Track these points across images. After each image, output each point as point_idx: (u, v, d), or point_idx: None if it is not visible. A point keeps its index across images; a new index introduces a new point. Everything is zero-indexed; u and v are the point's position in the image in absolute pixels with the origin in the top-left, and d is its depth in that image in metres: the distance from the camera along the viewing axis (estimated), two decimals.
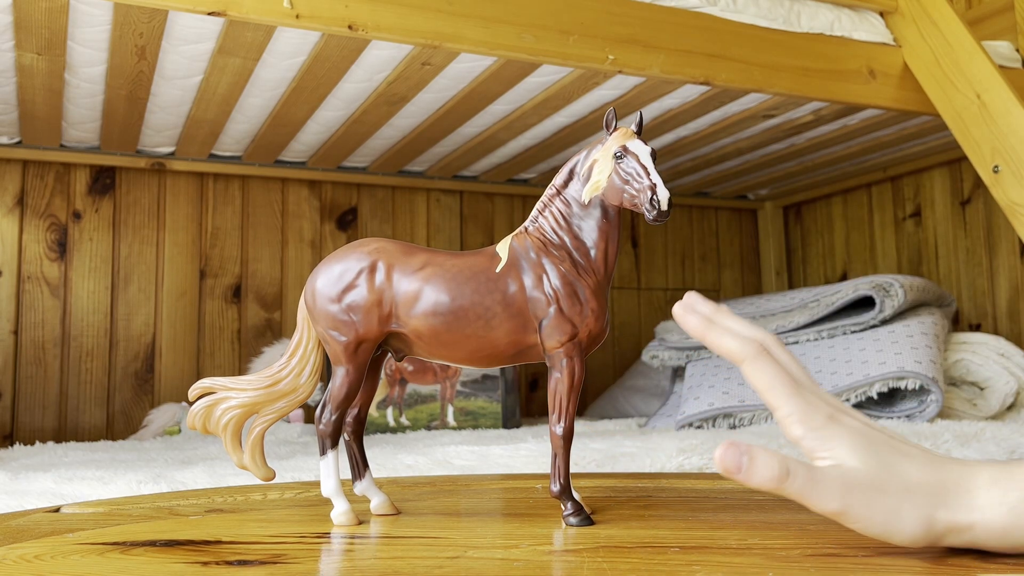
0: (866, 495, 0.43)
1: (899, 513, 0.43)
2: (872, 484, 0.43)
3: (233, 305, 2.27)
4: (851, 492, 0.43)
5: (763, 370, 0.46)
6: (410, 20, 1.33)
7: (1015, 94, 1.54)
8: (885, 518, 0.43)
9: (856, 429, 0.45)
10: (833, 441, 0.45)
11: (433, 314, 0.58)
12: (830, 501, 0.43)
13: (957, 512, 0.43)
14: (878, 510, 0.43)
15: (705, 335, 0.48)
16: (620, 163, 0.58)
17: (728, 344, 0.47)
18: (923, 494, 0.43)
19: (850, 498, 0.43)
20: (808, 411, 0.45)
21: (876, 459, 0.44)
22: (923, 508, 0.43)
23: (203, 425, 0.61)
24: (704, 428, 1.67)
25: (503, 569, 0.45)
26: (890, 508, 0.43)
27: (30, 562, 0.48)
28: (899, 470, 0.44)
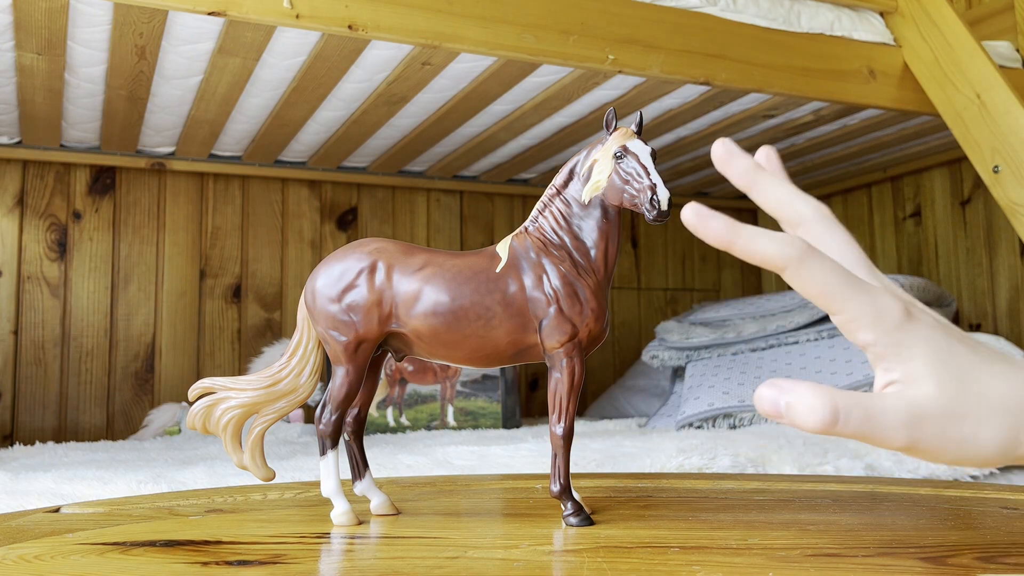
0: (938, 424, 0.37)
1: (976, 438, 0.38)
2: (946, 411, 0.38)
3: (233, 305, 2.27)
4: (920, 424, 0.37)
5: (812, 274, 0.38)
6: (410, 20, 1.33)
7: (1015, 94, 1.54)
8: (959, 447, 0.38)
9: (934, 332, 0.39)
10: (910, 349, 0.38)
11: (433, 314, 0.58)
12: (895, 438, 0.37)
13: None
14: (951, 438, 0.38)
15: (734, 241, 0.39)
16: (620, 163, 0.58)
17: (766, 247, 0.39)
18: (1008, 413, 0.38)
19: (918, 431, 0.37)
20: (878, 311, 0.38)
21: (954, 375, 0.38)
22: (1006, 430, 0.38)
23: (203, 425, 0.61)
24: (704, 428, 1.67)
25: (503, 569, 0.45)
26: (966, 435, 0.37)
27: (30, 562, 0.48)
28: (981, 388, 0.38)
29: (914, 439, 0.38)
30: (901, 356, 0.38)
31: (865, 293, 0.39)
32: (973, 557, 0.44)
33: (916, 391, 0.38)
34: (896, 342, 0.38)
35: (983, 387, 0.38)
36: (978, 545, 0.47)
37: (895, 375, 0.38)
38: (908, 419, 0.37)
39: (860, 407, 0.37)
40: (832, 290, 0.38)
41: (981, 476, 1.26)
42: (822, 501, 0.65)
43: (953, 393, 0.38)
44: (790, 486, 0.75)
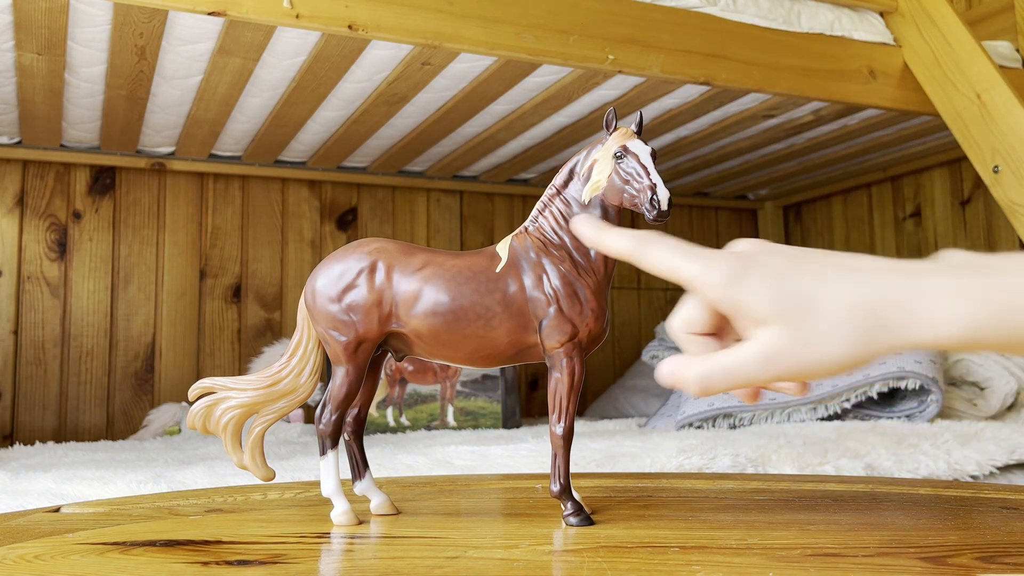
0: (791, 355, 0.40)
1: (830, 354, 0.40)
2: (794, 341, 0.40)
3: (233, 305, 2.27)
4: (775, 362, 0.40)
5: (656, 251, 0.44)
6: (410, 20, 1.33)
7: (1015, 94, 1.54)
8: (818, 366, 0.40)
9: (771, 271, 0.41)
10: (748, 295, 0.41)
11: (433, 314, 0.58)
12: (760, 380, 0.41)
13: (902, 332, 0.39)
14: (807, 362, 0.40)
15: (598, 241, 0.47)
16: (620, 163, 0.58)
17: (617, 242, 0.45)
18: (855, 322, 0.39)
19: (776, 367, 0.40)
20: (711, 271, 0.42)
21: (796, 304, 0.40)
22: (857, 337, 0.39)
23: (203, 425, 0.61)
24: (704, 428, 1.67)
25: (503, 569, 0.45)
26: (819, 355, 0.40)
27: (30, 562, 0.48)
28: (826, 307, 0.40)
29: (776, 374, 0.41)
30: (744, 305, 0.41)
31: (700, 259, 0.43)
32: (973, 557, 0.44)
33: (765, 333, 0.41)
34: (735, 294, 0.41)
35: (828, 304, 0.40)
36: (978, 545, 0.47)
37: (746, 324, 0.42)
38: (763, 362, 0.41)
39: (720, 369, 0.41)
40: (671, 263, 0.43)
41: (981, 476, 1.27)
42: (822, 501, 0.65)
43: (797, 322, 0.40)
44: (790, 486, 0.75)
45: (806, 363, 0.40)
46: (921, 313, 0.39)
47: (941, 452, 1.28)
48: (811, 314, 0.40)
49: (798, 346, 0.40)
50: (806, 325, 0.40)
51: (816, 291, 0.40)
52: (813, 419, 1.62)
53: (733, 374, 0.41)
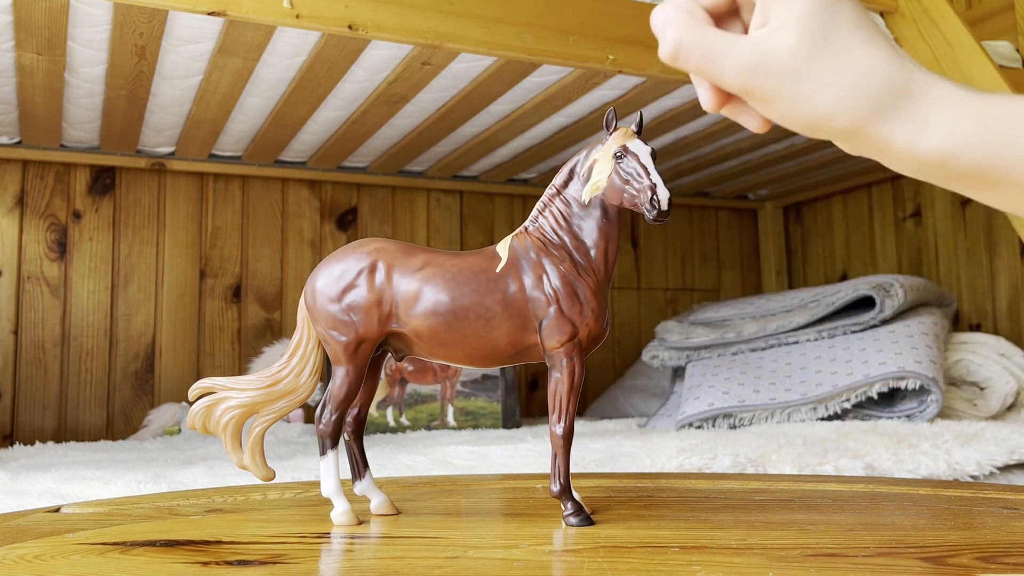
0: (776, 78, 0.38)
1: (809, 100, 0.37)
2: (791, 66, 0.37)
3: (233, 305, 2.27)
4: (758, 74, 0.38)
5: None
6: (410, 20, 1.33)
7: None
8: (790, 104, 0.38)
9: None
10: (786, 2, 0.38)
11: (433, 314, 0.58)
12: (730, 81, 0.38)
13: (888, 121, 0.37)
14: (785, 95, 0.38)
15: None
16: (620, 163, 0.58)
17: None
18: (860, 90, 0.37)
19: (754, 80, 0.38)
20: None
21: (823, 32, 0.37)
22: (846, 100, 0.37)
23: (203, 425, 0.61)
24: (704, 428, 1.67)
25: (503, 569, 0.45)
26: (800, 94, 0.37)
27: (30, 562, 0.48)
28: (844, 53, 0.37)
29: (749, 87, 0.38)
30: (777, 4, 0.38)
31: None
32: (973, 557, 0.44)
33: (773, 40, 0.38)
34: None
35: (846, 53, 0.38)
36: (978, 545, 0.47)
37: (768, 16, 0.38)
38: (748, 66, 0.38)
39: (704, 46, 0.38)
40: None
41: (981, 476, 1.27)
42: (822, 501, 0.65)
43: (810, 50, 0.37)
44: (790, 486, 0.75)
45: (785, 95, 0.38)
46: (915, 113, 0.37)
47: (941, 452, 1.28)
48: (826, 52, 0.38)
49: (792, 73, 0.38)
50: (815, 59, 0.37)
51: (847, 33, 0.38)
52: (813, 419, 1.62)
53: (712, 59, 0.38)
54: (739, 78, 0.38)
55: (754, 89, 0.38)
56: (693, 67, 0.39)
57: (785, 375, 1.73)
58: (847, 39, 0.38)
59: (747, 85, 0.38)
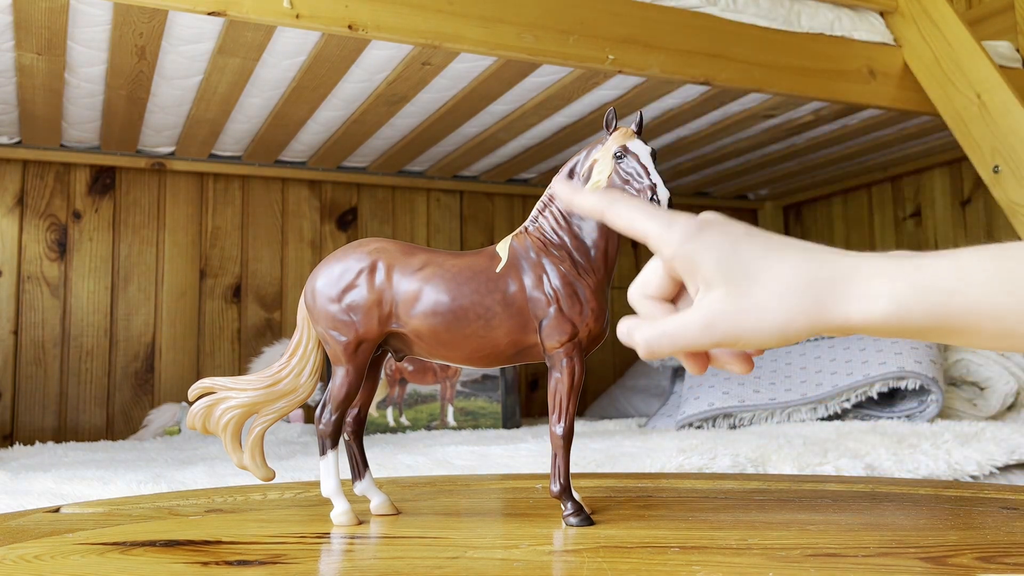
0: (729, 321, 0.43)
1: (764, 321, 0.42)
2: (734, 307, 0.43)
3: (233, 305, 2.27)
4: (715, 326, 0.43)
5: (622, 208, 0.47)
6: (410, 20, 1.33)
7: (1015, 94, 1.53)
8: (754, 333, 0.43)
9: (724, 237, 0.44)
10: (702, 255, 0.44)
11: (433, 314, 0.58)
12: (701, 344, 0.44)
13: (834, 308, 0.42)
14: (744, 328, 0.43)
15: (571, 201, 0.50)
16: (620, 163, 0.58)
17: (588, 201, 0.49)
18: (794, 293, 0.42)
19: (716, 332, 0.43)
20: (673, 227, 0.45)
21: (742, 270, 0.43)
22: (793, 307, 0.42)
23: (203, 425, 0.61)
24: (704, 428, 1.67)
25: (503, 569, 0.45)
26: (755, 322, 0.43)
27: (30, 562, 0.48)
28: (768, 275, 0.43)
29: (713, 340, 0.44)
30: (695, 264, 0.44)
31: (662, 218, 0.46)
32: (973, 557, 0.44)
33: (709, 298, 0.44)
34: (689, 252, 0.44)
35: (770, 274, 0.43)
36: (978, 545, 0.47)
37: (697, 284, 0.44)
38: (703, 327, 0.43)
39: (665, 335, 0.45)
40: (635, 220, 0.46)
41: (981, 476, 1.27)
42: (822, 501, 0.65)
43: (739, 288, 0.43)
44: (790, 486, 0.75)
45: (743, 329, 0.43)
46: (852, 291, 0.41)
47: (941, 452, 1.28)
48: (753, 282, 0.43)
49: (737, 312, 0.43)
50: (747, 292, 0.43)
51: (761, 261, 0.43)
52: (813, 419, 1.62)
53: (676, 337, 0.44)
54: (703, 339, 0.44)
55: (718, 339, 0.44)
56: (668, 350, 0.45)
57: (785, 375, 1.73)
58: (763, 263, 0.43)
59: (712, 340, 0.44)
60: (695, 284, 0.45)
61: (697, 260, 0.44)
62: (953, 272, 0.40)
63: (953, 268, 0.40)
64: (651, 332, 0.45)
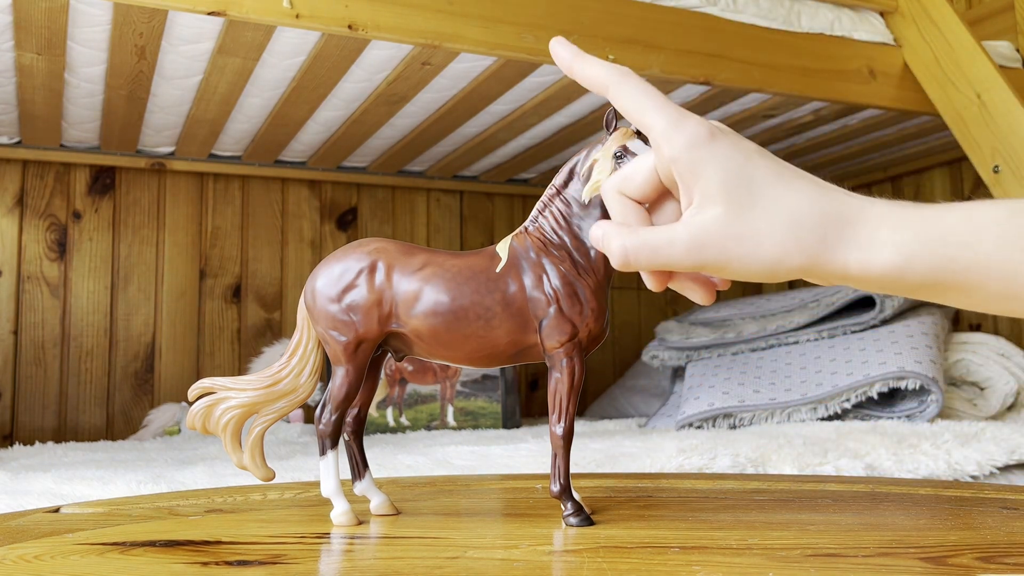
0: (719, 246, 0.40)
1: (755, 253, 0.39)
2: (728, 232, 0.40)
3: (233, 305, 2.27)
4: (702, 249, 0.40)
5: (631, 89, 0.43)
6: (410, 20, 1.33)
7: (1015, 94, 1.53)
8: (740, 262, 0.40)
9: (734, 151, 0.41)
10: (707, 166, 0.40)
11: (433, 314, 0.58)
12: (682, 264, 0.41)
13: (835, 250, 0.39)
14: (732, 256, 0.40)
15: (572, 66, 0.47)
16: (620, 163, 0.58)
17: (593, 70, 0.45)
18: (795, 227, 0.39)
19: (701, 255, 0.40)
20: (682, 128, 0.41)
21: (746, 191, 0.40)
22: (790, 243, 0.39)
23: (203, 425, 0.61)
24: (704, 428, 1.67)
25: (503, 569, 0.44)
26: (745, 251, 0.40)
27: (30, 562, 0.48)
28: (772, 203, 0.40)
29: (698, 262, 0.41)
30: (697, 174, 0.40)
31: (673, 111, 0.42)
32: (973, 557, 0.44)
33: (704, 216, 0.40)
34: (695, 159, 0.40)
35: (775, 202, 0.40)
36: (978, 545, 0.47)
37: (693, 195, 0.41)
38: (691, 246, 0.40)
39: (647, 246, 0.41)
40: (643, 106, 0.42)
41: (981, 476, 1.27)
42: (822, 501, 0.65)
43: (739, 211, 0.40)
44: (790, 486, 0.75)
45: (733, 255, 0.40)
46: (856, 236, 0.39)
47: (941, 452, 1.28)
48: (757, 207, 0.40)
49: (731, 238, 0.40)
50: (748, 217, 0.40)
51: (770, 187, 0.40)
52: (813, 419, 1.62)
53: (659, 252, 0.41)
54: (687, 260, 0.40)
55: (705, 263, 0.40)
56: (646, 265, 0.41)
57: (785, 375, 1.73)
58: (771, 190, 0.40)
59: (697, 262, 0.40)
60: (690, 196, 0.41)
61: (701, 170, 0.40)
62: (963, 225, 0.38)
63: (963, 221, 0.38)
64: (631, 241, 0.42)
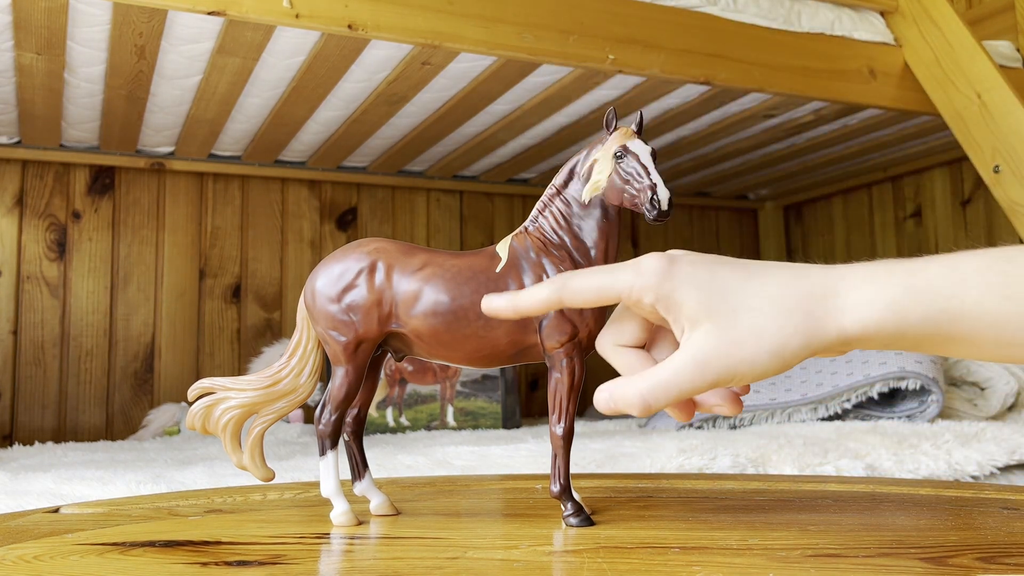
0: (722, 358, 0.40)
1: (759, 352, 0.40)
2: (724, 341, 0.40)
3: (233, 305, 2.27)
4: (708, 366, 0.40)
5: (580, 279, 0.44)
6: (410, 20, 1.33)
7: (1015, 94, 1.53)
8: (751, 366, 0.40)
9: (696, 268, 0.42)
10: (679, 291, 0.41)
11: (433, 314, 0.58)
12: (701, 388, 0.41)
13: (827, 322, 0.39)
14: (740, 362, 0.40)
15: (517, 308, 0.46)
16: (620, 163, 0.58)
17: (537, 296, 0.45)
18: (787, 314, 0.40)
19: (712, 372, 0.41)
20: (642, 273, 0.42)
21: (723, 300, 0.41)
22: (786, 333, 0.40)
23: (202, 425, 0.61)
24: (704, 428, 1.67)
25: (503, 569, 0.44)
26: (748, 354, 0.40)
27: (29, 562, 0.48)
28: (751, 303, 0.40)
29: (713, 378, 0.41)
30: (676, 302, 0.41)
31: (626, 267, 0.43)
32: (973, 557, 0.44)
33: (697, 334, 0.41)
34: (668, 291, 0.41)
35: (756, 299, 0.40)
36: (978, 545, 0.47)
37: (681, 323, 0.42)
38: (698, 367, 0.41)
39: (658, 383, 0.41)
40: (599, 283, 0.43)
41: (982, 476, 1.26)
42: (822, 501, 0.65)
43: (727, 319, 0.40)
44: (790, 486, 0.75)
45: (738, 360, 0.40)
46: (844, 301, 0.39)
47: (942, 452, 1.27)
48: (740, 310, 0.40)
49: (729, 345, 0.40)
50: (735, 322, 0.40)
51: (744, 286, 0.41)
52: (813, 419, 1.62)
53: (671, 385, 0.41)
54: (700, 381, 0.41)
55: (717, 377, 0.41)
56: (664, 401, 0.41)
57: (785, 375, 1.73)
58: (747, 289, 0.41)
59: (710, 380, 0.41)
60: (679, 324, 0.42)
61: (678, 298, 0.41)
62: (948, 275, 0.39)
63: (948, 272, 0.39)
64: (644, 385, 0.42)
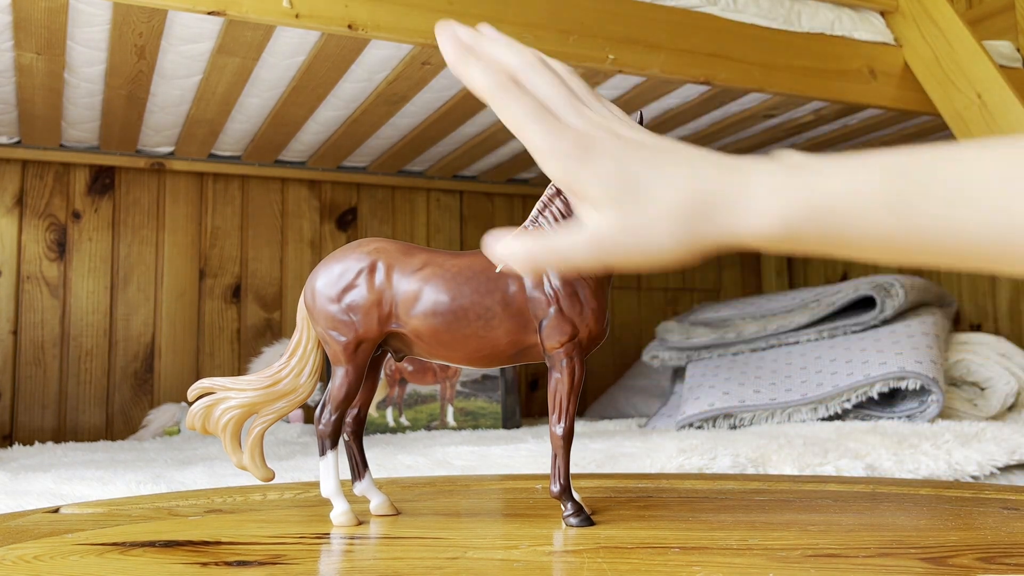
0: (618, 243, 0.41)
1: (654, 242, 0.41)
2: (623, 228, 0.41)
3: (233, 305, 2.27)
4: (603, 248, 0.41)
5: (508, 105, 0.43)
6: (410, 19, 1.33)
7: (1016, 94, 1.53)
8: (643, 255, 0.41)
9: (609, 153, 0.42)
10: (586, 178, 0.41)
11: (433, 314, 0.58)
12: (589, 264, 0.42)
13: (723, 226, 0.40)
14: (634, 250, 0.41)
15: (456, 68, 0.46)
16: None
17: (475, 78, 0.44)
18: (682, 213, 0.40)
19: (605, 254, 0.42)
20: (557, 146, 0.42)
21: (630, 188, 0.41)
22: (680, 229, 0.40)
23: (202, 425, 0.61)
24: (704, 428, 1.67)
25: (503, 569, 0.44)
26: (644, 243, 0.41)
27: (29, 562, 0.48)
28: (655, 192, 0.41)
29: (604, 261, 0.42)
30: (581, 188, 0.42)
31: (552, 129, 0.42)
32: (973, 557, 0.44)
33: (598, 218, 0.42)
34: (575, 176, 0.42)
35: (656, 195, 0.41)
36: (978, 545, 0.47)
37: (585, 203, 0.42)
38: (592, 247, 0.42)
39: (551, 251, 0.42)
40: (522, 124, 0.42)
41: (982, 476, 1.26)
42: (822, 501, 0.65)
43: (627, 210, 0.41)
44: (790, 486, 0.75)
45: (632, 252, 0.42)
46: (742, 209, 0.40)
47: (942, 452, 1.27)
48: (639, 203, 0.41)
49: (625, 234, 0.41)
50: (634, 214, 0.41)
51: (647, 180, 0.41)
52: (813, 419, 1.62)
53: (562, 256, 0.42)
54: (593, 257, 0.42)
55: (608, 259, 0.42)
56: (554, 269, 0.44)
57: (785, 375, 1.73)
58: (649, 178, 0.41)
59: (601, 259, 0.42)
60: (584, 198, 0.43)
61: (582, 183, 0.42)
62: (842, 187, 0.39)
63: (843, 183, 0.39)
64: (537, 246, 0.43)
